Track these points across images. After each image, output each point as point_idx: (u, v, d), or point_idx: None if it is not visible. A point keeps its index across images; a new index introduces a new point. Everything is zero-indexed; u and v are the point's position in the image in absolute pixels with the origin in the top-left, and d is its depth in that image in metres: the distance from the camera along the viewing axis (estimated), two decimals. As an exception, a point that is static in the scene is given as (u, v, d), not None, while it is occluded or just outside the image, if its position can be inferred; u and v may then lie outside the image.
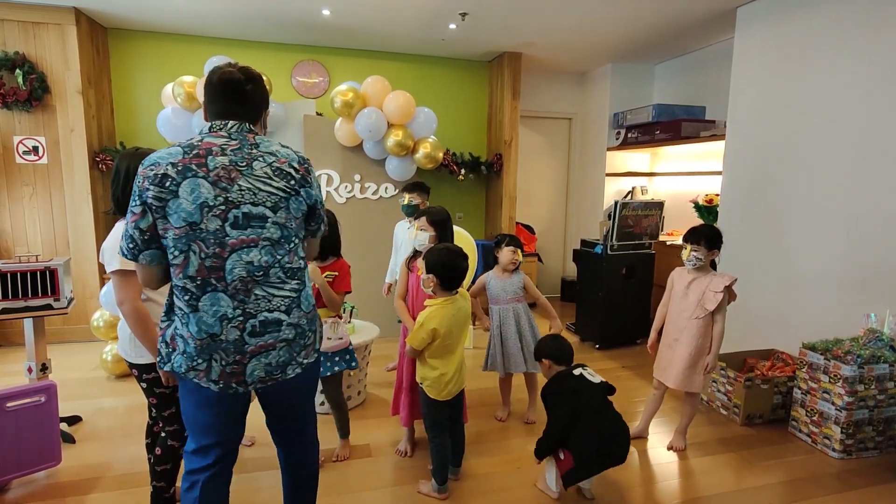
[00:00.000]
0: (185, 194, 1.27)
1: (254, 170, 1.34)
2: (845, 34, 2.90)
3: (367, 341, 2.99)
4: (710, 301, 2.40)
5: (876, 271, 2.78)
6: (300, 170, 1.42)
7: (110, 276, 1.68)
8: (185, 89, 3.60)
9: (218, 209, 1.29)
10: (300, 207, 1.43)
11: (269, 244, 1.36)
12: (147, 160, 1.32)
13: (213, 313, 1.32)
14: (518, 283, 2.79)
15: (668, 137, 4.40)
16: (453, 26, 4.04)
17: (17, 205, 3.90)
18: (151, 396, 1.83)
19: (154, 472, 1.90)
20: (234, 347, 1.34)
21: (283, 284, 1.40)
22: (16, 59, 3.70)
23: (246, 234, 1.32)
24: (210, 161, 1.31)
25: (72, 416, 2.77)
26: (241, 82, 1.40)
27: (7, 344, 4.06)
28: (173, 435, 1.87)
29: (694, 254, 2.44)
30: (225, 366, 1.35)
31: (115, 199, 1.75)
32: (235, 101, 1.40)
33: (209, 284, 1.31)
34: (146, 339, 1.68)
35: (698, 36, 4.25)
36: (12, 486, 2.21)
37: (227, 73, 1.39)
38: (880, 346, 2.57)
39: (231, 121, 1.38)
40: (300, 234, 1.46)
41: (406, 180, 4.26)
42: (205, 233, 1.29)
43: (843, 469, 2.46)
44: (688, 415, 2.60)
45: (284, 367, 1.43)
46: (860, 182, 2.84)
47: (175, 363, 1.37)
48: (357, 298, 3.62)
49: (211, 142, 1.34)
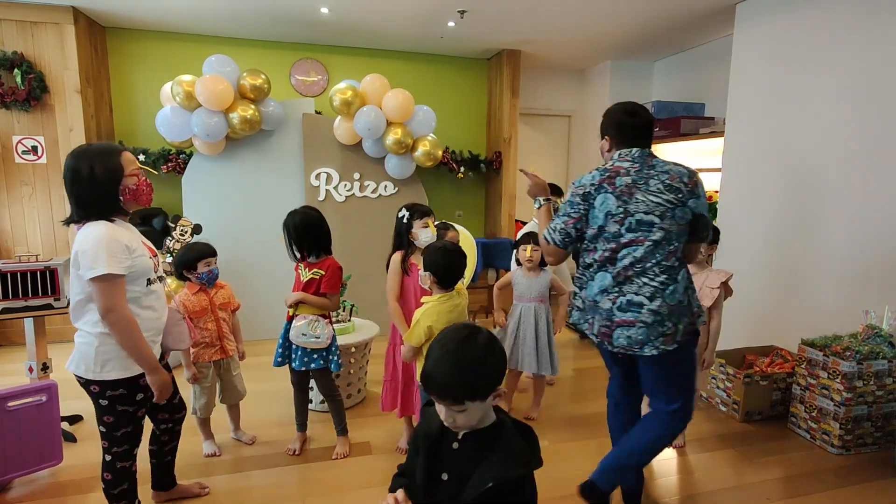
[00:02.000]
0: (598, 205, 1.76)
1: (649, 186, 1.73)
2: (844, 30, 2.90)
3: (366, 339, 2.99)
4: (708, 297, 2.40)
5: (875, 267, 2.78)
6: (689, 183, 1.75)
7: (92, 283, 1.53)
8: (183, 88, 3.59)
9: (618, 216, 1.74)
10: (685, 216, 1.75)
11: (653, 245, 1.72)
12: (576, 182, 1.82)
13: (598, 286, 1.78)
14: (544, 283, 2.78)
15: (668, 134, 4.39)
16: (452, 24, 4.03)
17: (17, 205, 3.91)
18: (108, 415, 1.67)
19: (111, 495, 1.76)
20: (606, 315, 1.77)
21: (655, 277, 1.73)
22: (14, 59, 3.69)
23: (636, 235, 1.73)
24: (617, 181, 1.75)
25: (73, 415, 2.78)
26: (651, 124, 1.85)
27: (8, 343, 4.06)
28: (123, 456, 1.73)
29: None
30: (600, 326, 1.80)
31: (83, 200, 1.60)
32: (643, 137, 1.83)
33: (603, 267, 1.78)
34: (139, 350, 1.59)
35: (697, 32, 4.24)
36: (14, 485, 2.22)
37: (643, 119, 1.83)
38: (879, 343, 2.57)
39: (635, 148, 1.81)
40: (681, 238, 1.77)
41: (405, 178, 4.27)
42: (608, 233, 1.76)
43: (842, 465, 2.47)
44: None
45: (642, 345, 1.74)
46: (859, 178, 2.84)
47: (573, 317, 1.92)
48: (357, 297, 3.62)
49: (619, 166, 1.78)
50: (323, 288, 2.35)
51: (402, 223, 2.43)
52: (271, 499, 2.16)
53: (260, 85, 3.76)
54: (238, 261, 3.94)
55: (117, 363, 1.64)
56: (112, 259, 1.55)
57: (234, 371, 2.49)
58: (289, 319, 2.39)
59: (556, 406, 3.07)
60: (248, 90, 3.74)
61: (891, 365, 2.53)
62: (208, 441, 2.49)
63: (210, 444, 2.48)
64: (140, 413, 1.76)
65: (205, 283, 2.36)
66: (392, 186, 4.28)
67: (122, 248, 1.59)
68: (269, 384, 3.19)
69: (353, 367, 2.97)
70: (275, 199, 4.06)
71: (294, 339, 2.34)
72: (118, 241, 1.59)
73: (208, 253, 2.35)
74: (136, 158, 1.76)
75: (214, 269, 2.37)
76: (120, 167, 1.65)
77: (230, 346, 2.44)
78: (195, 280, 2.34)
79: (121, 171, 1.65)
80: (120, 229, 1.65)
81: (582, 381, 3.38)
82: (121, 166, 1.65)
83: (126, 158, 1.68)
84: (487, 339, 1.07)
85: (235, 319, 2.52)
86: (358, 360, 3.00)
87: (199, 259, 2.32)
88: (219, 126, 3.68)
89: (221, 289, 2.46)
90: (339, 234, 4.11)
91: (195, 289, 2.35)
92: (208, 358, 2.39)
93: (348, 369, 2.95)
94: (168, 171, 4.13)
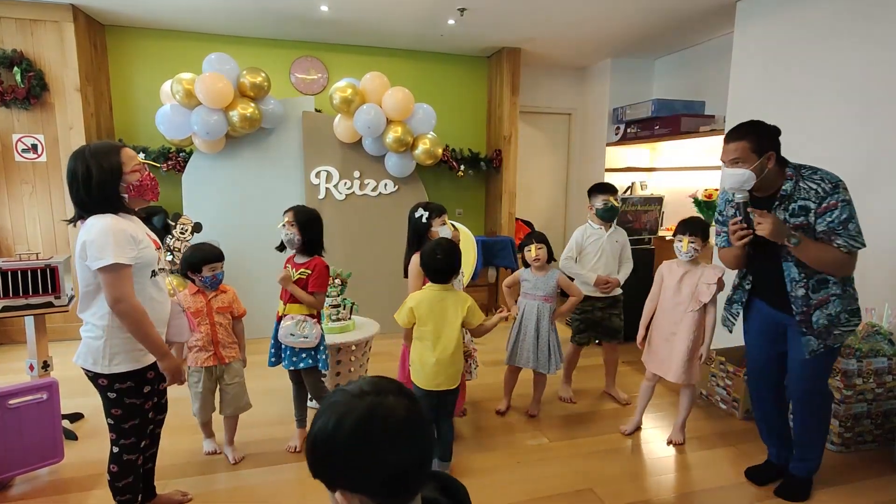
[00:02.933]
0: None
1: None
2: (844, 28, 2.89)
3: (367, 337, 3.00)
4: (705, 293, 2.41)
5: (874, 266, 2.78)
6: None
7: (100, 273, 1.55)
8: (183, 86, 3.59)
9: None
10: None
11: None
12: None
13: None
14: (551, 283, 2.77)
15: (668, 132, 4.39)
16: (452, 22, 4.02)
17: (17, 203, 3.91)
18: (116, 408, 1.70)
19: (115, 488, 1.79)
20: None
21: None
22: (13, 57, 3.69)
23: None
24: None
25: (74, 413, 2.78)
26: None
27: (8, 342, 4.07)
28: (130, 448, 1.76)
29: (692, 245, 2.44)
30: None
31: (83, 201, 1.63)
32: None
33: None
34: (148, 338, 1.61)
35: (698, 31, 4.24)
36: (15, 483, 2.23)
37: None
38: (879, 340, 2.57)
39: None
40: None
41: (405, 176, 4.26)
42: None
43: (842, 462, 2.47)
44: (686, 408, 2.61)
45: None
46: (859, 176, 2.84)
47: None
48: (357, 295, 3.62)
49: None
50: (311, 287, 2.35)
51: (421, 223, 2.41)
52: (271, 496, 2.16)
53: (260, 83, 3.75)
54: (237, 259, 3.94)
55: (125, 356, 1.66)
56: (119, 249, 1.56)
57: (232, 380, 2.36)
58: (278, 320, 2.40)
59: (555, 404, 3.07)
60: (247, 88, 3.74)
61: (890, 363, 2.53)
62: (209, 440, 2.48)
63: (210, 443, 2.47)
64: (147, 406, 1.79)
65: (207, 286, 2.31)
66: (392, 185, 4.27)
67: (128, 238, 1.60)
68: (268, 383, 3.20)
69: (353, 366, 2.97)
70: (274, 198, 4.05)
71: (283, 338, 2.35)
72: (124, 232, 1.60)
73: (214, 258, 2.29)
74: (138, 154, 1.75)
75: (219, 273, 2.31)
76: (118, 165, 1.65)
77: (226, 354, 2.33)
78: (198, 282, 2.30)
79: (119, 169, 1.65)
80: (125, 221, 1.66)
81: (580, 381, 3.39)
82: (119, 164, 1.65)
83: (126, 155, 1.68)
84: (361, 417, 0.70)
85: (240, 326, 2.43)
86: (358, 357, 3.00)
87: (204, 263, 2.26)
88: (219, 124, 3.68)
89: (223, 293, 2.37)
90: (338, 233, 4.12)
91: (194, 290, 2.32)
92: (199, 363, 2.30)
93: (348, 367, 2.95)
94: (168, 169, 4.13)
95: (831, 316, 1.94)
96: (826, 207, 1.85)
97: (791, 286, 1.97)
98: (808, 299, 1.95)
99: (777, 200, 1.95)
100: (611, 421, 2.86)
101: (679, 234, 2.47)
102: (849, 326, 1.98)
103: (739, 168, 1.89)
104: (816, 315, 1.95)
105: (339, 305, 3.01)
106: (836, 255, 1.85)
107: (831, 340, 1.97)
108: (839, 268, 1.89)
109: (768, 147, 1.90)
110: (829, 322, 1.95)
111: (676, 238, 2.48)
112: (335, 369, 2.89)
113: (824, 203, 1.85)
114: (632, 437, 2.68)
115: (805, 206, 1.89)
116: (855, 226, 1.86)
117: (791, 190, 1.91)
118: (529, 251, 2.75)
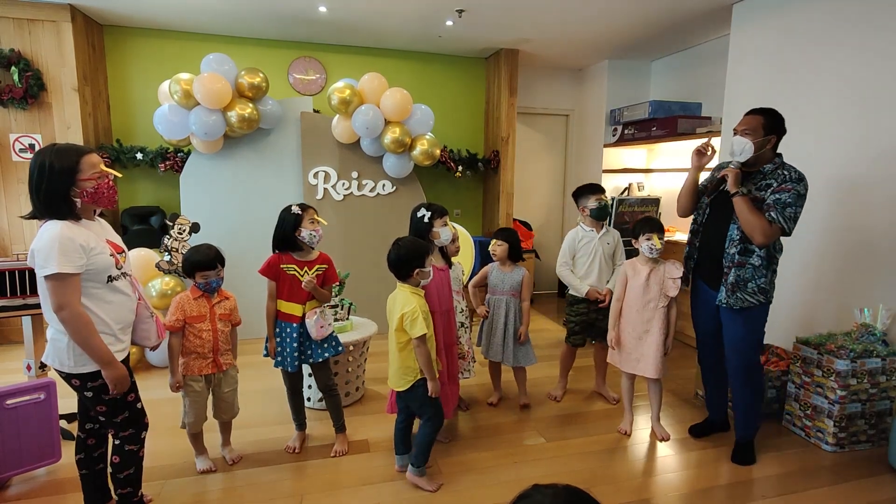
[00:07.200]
0: None
1: None
2: (841, 30, 2.91)
3: (364, 337, 3.00)
4: (672, 288, 2.54)
5: (869, 266, 2.80)
6: None
7: (45, 281, 1.56)
8: (181, 86, 3.59)
9: None
10: None
11: None
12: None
13: None
14: (517, 279, 2.87)
15: (665, 134, 4.41)
16: (450, 23, 4.03)
17: (14, 203, 3.90)
18: (99, 405, 1.70)
19: (117, 479, 1.80)
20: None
21: None
22: (11, 57, 3.69)
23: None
24: None
25: (71, 413, 2.77)
26: None
27: (6, 342, 4.06)
28: (130, 439, 1.77)
29: (661, 241, 2.54)
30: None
31: (36, 196, 1.60)
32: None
33: None
34: (91, 346, 1.60)
35: (694, 32, 4.26)
36: (13, 483, 2.23)
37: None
38: (873, 341, 2.59)
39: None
40: None
41: (403, 177, 4.27)
42: None
43: (836, 462, 2.49)
44: (658, 401, 2.69)
45: None
46: (853, 177, 2.86)
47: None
48: (355, 295, 3.63)
49: None
50: (330, 280, 2.41)
51: (424, 223, 2.42)
52: (270, 496, 2.17)
53: (258, 83, 3.76)
54: (236, 259, 3.94)
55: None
56: (64, 258, 1.55)
57: (228, 388, 2.32)
58: (297, 321, 2.36)
59: (549, 403, 3.09)
60: (246, 88, 3.74)
61: (884, 363, 2.55)
62: (201, 457, 2.36)
63: (203, 460, 2.35)
64: (130, 398, 1.78)
65: (204, 290, 2.26)
66: (390, 185, 4.28)
67: (75, 247, 1.58)
68: (267, 383, 3.20)
69: (350, 366, 2.98)
70: (273, 198, 4.05)
71: (320, 333, 2.35)
72: (72, 241, 1.57)
73: (205, 266, 2.20)
74: (103, 161, 1.72)
75: (213, 281, 2.23)
76: (74, 168, 1.61)
77: (224, 361, 2.29)
78: (196, 285, 2.26)
79: (75, 171, 1.61)
80: (78, 228, 1.63)
81: (579, 382, 3.40)
82: (76, 167, 1.62)
83: (87, 161, 1.64)
84: None
85: (235, 333, 2.37)
86: (356, 357, 3.01)
87: (196, 270, 2.21)
88: (217, 124, 3.68)
89: (226, 300, 2.32)
90: (337, 233, 4.13)
91: (197, 293, 2.25)
92: (199, 371, 2.23)
93: (346, 367, 2.96)
94: (166, 169, 4.13)
95: (740, 278, 2.31)
96: (781, 188, 2.20)
97: (728, 243, 2.33)
98: (733, 258, 2.31)
99: (757, 174, 2.31)
100: (606, 421, 2.88)
101: (647, 233, 2.54)
102: (752, 298, 2.31)
103: (746, 138, 2.23)
104: (733, 273, 2.32)
105: (338, 306, 3.01)
106: (762, 221, 2.18)
107: (733, 300, 2.33)
108: (760, 233, 2.19)
109: (774, 131, 2.26)
110: (736, 282, 2.31)
111: (644, 237, 2.55)
112: (333, 369, 2.89)
113: (783, 185, 2.20)
114: (629, 437, 2.70)
115: (770, 184, 2.25)
116: (792, 211, 2.17)
117: (769, 171, 2.27)
118: (491, 245, 2.89)
